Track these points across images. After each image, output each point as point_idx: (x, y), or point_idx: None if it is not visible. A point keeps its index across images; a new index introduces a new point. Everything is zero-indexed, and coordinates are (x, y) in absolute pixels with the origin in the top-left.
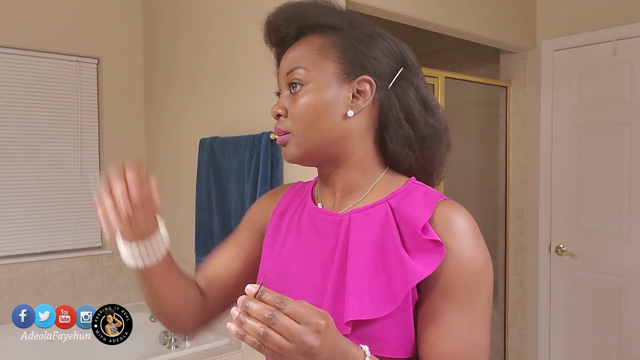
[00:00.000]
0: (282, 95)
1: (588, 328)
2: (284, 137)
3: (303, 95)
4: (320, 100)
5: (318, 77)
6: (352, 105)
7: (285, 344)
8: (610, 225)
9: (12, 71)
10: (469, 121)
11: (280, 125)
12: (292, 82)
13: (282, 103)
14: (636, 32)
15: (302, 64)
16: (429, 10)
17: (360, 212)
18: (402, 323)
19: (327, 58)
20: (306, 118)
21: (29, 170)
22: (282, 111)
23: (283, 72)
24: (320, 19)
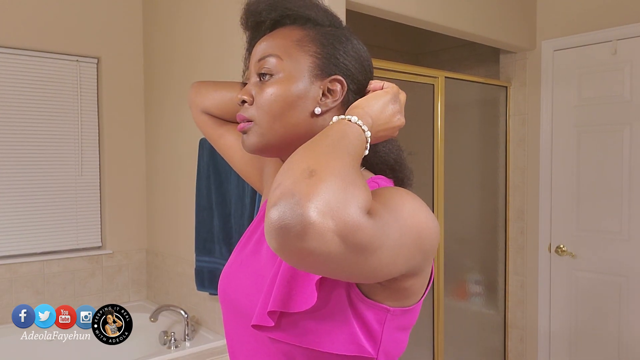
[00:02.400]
0: (250, 82)
1: (588, 328)
2: (246, 125)
3: (272, 85)
4: (289, 92)
5: (291, 68)
6: (321, 103)
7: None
8: (610, 225)
9: (12, 71)
10: (469, 121)
11: (244, 113)
12: (262, 70)
13: (249, 90)
14: (636, 32)
15: (276, 52)
16: (429, 10)
17: None
18: (329, 317)
19: (304, 51)
20: (273, 108)
21: (29, 170)
22: (248, 98)
23: (254, 59)
24: (305, 11)
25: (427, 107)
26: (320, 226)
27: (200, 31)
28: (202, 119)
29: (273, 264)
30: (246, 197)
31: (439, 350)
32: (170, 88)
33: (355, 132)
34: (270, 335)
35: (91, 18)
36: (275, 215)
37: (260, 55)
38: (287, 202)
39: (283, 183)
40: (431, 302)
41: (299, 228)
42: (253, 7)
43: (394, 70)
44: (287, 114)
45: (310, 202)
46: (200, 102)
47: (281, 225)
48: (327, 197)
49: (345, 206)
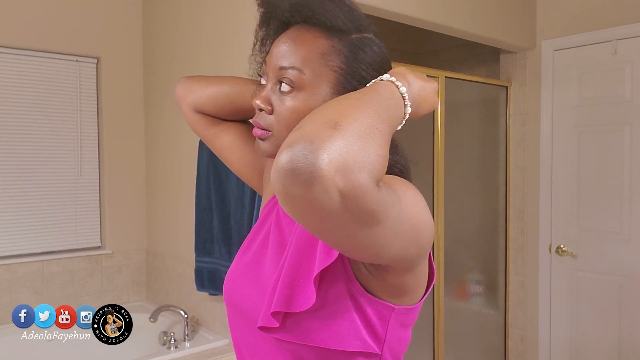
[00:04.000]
0: (267, 86)
1: (589, 328)
2: (264, 134)
3: (293, 99)
4: (310, 108)
5: (313, 83)
6: None
7: None
8: (610, 225)
9: (12, 71)
10: (469, 121)
11: (262, 121)
12: (284, 80)
13: (269, 97)
14: (636, 32)
15: (299, 65)
16: (429, 10)
17: None
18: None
19: (328, 66)
20: (292, 123)
21: (29, 170)
22: (267, 107)
23: (274, 62)
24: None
25: None
26: (328, 179)
27: (200, 31)
28: (194, 118)
29: (276, 267)
30: (246, 197)
31: (439, 350)
32: (170, 88)
33: (397, 98)
34: (276, 336)
35: (91, 18)
36: (286, 157)
37: (282, 63)
38: (302, 146)
39: (304, 127)
40: (431, 302)
41: (307, 175)
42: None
43: None
44: None
45: (325, 153)
46: (191, 99)
47: (290, 168)
48: (344, 154)
49: (358, 169)
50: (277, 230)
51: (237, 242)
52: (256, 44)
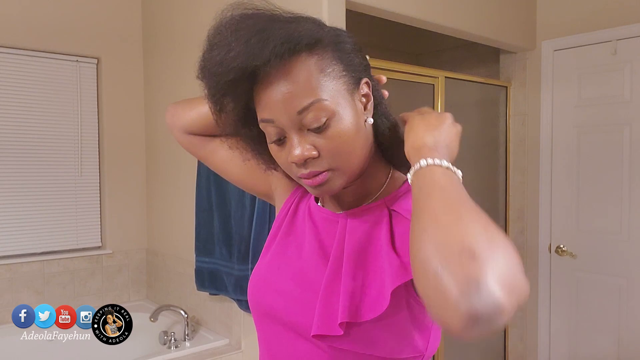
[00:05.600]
0: (294, 139)
1: (588, 329)
2: (325, 176)
3: (334, 128)
4: (350, 125)
5: (337, 101)
6: (367, 112)
7: None
8: (610, 225)
9: (12, 71)
10: (469, 121)
11: (316, 168)
12: (317, 119)
13: (304, 145)
14: (636, 32)
15: (320, 94)
16: (429, 10)
17: (356, 212)
18: (393, 324)
19: (332, 77)
20: (346, 149)
21: (29, 170)
22: (315, 152)
23: (287, 111)
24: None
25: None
26: (510, 306)
27: (199, 31)
28: (186, 140)
29: (320, 274)
30: (246, 198)
31: (439, 350)
32: (170, 88)
33: (458, 179)
34: (339, 345)
35: (91, 18)
36: (464, 307)
37: (300, 106)
38: (471, 291)
39: (449, 269)
40: None
41: (493, 313)
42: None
43: (394, 70)
44: (357, 143)
45: (494, 286)
46: (179, 124)
47: (474, 316)
48: (501, 274)
49: (515, 275)
50: (313, 237)
51: (237, 242)
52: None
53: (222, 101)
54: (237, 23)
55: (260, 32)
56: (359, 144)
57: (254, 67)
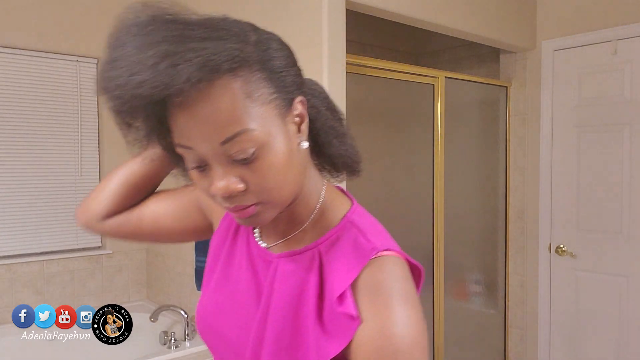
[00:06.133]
0: (217, 171)
1: (588, 328)
2: (253, 210)
3: (264, 159)
4: (282, 154)
5: (267, 130)
6: (300, 135)
7: None
8: (610, 225)
9: (12, 71)
10: (469, 121)
11: (243, 202)
12: (243, 150)
13: (230, 178)
14: (636, 32)
15: (246, 122)
16: (429, 10)
17: (289, 259)
18: None
19: (262, 102)
20: (277, 182)
21: (29, 170)
22: (241, 186)
23: (208, 141)
24: (232, 62)
25: (427, 107)
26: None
27: None
28: (109, 226)
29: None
30: None
31: (439, 350)
32: None
33: None
34: None
35: (91, 18)
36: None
37: (223, 136)
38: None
39: None
40: (431, 302)
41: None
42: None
43: (394, 70)
44: (289, 173)
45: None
46: (94, 213)
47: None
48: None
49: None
50: (250, 274)
51: None
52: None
53: (128, 122)
54: (143, 35)
55: (170, 56)
56: (292, 172)
57: (164, 96)
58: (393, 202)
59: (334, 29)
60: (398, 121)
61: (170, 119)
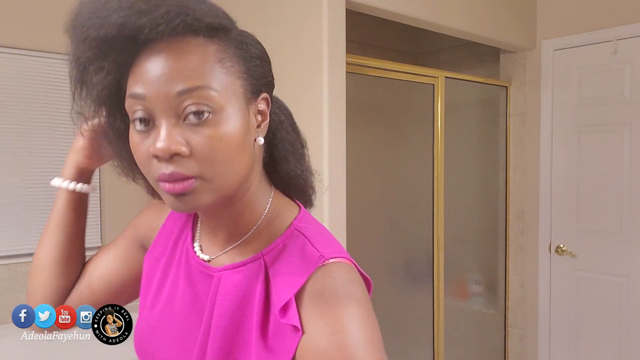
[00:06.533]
0: (169, 127)
1: (588, 328)
2: (189, 185)
3: (216, 127)
4: (236, 131)
5: (227, 99)
6: (259, 130)
7: None
8: (610, 225)
9: (12, 71)
10: (469, 121)
11: (182, 169)
12: (198, 108)
13: (175, 137)
14: (636, 32)
15: (210, 81)
16: (429, 10)
17: (233, 271)
18: None
19: (232, 74)
20: (223, 157)
21: (29, 170)
22: (185, 149)
23: (163, 89)
24: (213, 18)
25: (427, 107)
26: None
27: None
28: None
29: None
30: None
31: (439, 350)
32: None
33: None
34: None
35: None
36: None
37: (183, 86)
38: None
39: None
40: (431, 302)
41: None
42: (136, 13)
43: (393, 70)
44: (239, 158)
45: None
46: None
47: None
48: None
49: None
50: (188, 283)
51: None
52: (84, 83)
53: (88, 67)
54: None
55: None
56: (241, 159)
57: (138, 27)
58: (393, 202)
59: (334, 29)
60: (398, 121)
61: (130, 70)
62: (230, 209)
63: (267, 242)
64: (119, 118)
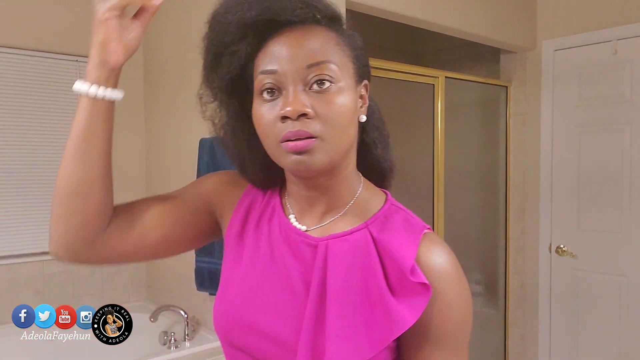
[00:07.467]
0: (293, 91)
1: (588, 328)
2: (310, 143)
3: (338, 95)
4: (349, 103)
5: (345, 76)
6: (361, 111)
7: None
8: (610, 225)
9: (12, 71)
10: (469, 121)
11: (307, 128)
12: (322, 77)
13: (302, 101)
14: (636, 32)
15: (332, 58)
16: (429, 10)
17: (338, 240)
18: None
19: (346, 56)
20: (342, 122)
21: (29, 170)
22: (311, 110)
23: (297, 62)
24: (335, 9)
25: (427, 107)
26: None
27: (199, 30)
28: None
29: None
30: None
31: None
32: (171, 87)
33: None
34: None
35: (91, 18)
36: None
37: (312, 60)
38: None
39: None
40: None
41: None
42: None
43: (394, 70)
44: (349, 126)
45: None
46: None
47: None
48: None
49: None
50: (288, 262)
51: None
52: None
53: (223, 52)
54: None
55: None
56: (350, 129)
57: (279, 9)
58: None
59: None
60: (398, 121)
61: (261, 52)
62: (332, 181)
63: (366, 216)
64: (235, 103)
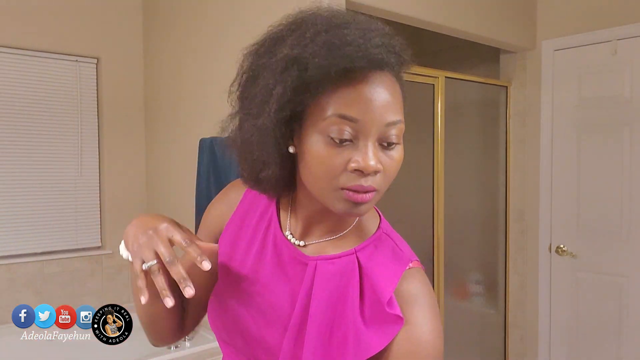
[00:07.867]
0: (373, 148)
1: (588, 328)
2: (372, 196)
3: (398, 153)
4: (403, 155)
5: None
6: None
7: None
8: (610, 225)
9: (12, 71)
10: (469, 121)
11: (374, 183)
12: (395, 139)
13: (379, 157)
14: (636, 32)
15: (403, 117)
16: (429, 10)
17: (327, 261)
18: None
19: (404, 112)
20: (393, 176)
21: (29, 170)
22: (382, 167)
23: (380, 117)
24: (408, 54)
25: (427, 107)
26: None
27: (199, 30)
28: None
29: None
30: None
31: None
32: (171, 88)
33: None
34: None
35: (91, 18)
36: None
37: (391, 119)
38: None
39: None
40: None
41: None
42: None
43: None
44: None
45: None
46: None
47: None
48: None
49: None
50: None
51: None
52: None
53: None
54: (365, 20)
55: (390, 36)
56: None
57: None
58: (393, 202)
59: None
60: None
61: (335, 94)
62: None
63: (358, 241)
64: (284, 127)
